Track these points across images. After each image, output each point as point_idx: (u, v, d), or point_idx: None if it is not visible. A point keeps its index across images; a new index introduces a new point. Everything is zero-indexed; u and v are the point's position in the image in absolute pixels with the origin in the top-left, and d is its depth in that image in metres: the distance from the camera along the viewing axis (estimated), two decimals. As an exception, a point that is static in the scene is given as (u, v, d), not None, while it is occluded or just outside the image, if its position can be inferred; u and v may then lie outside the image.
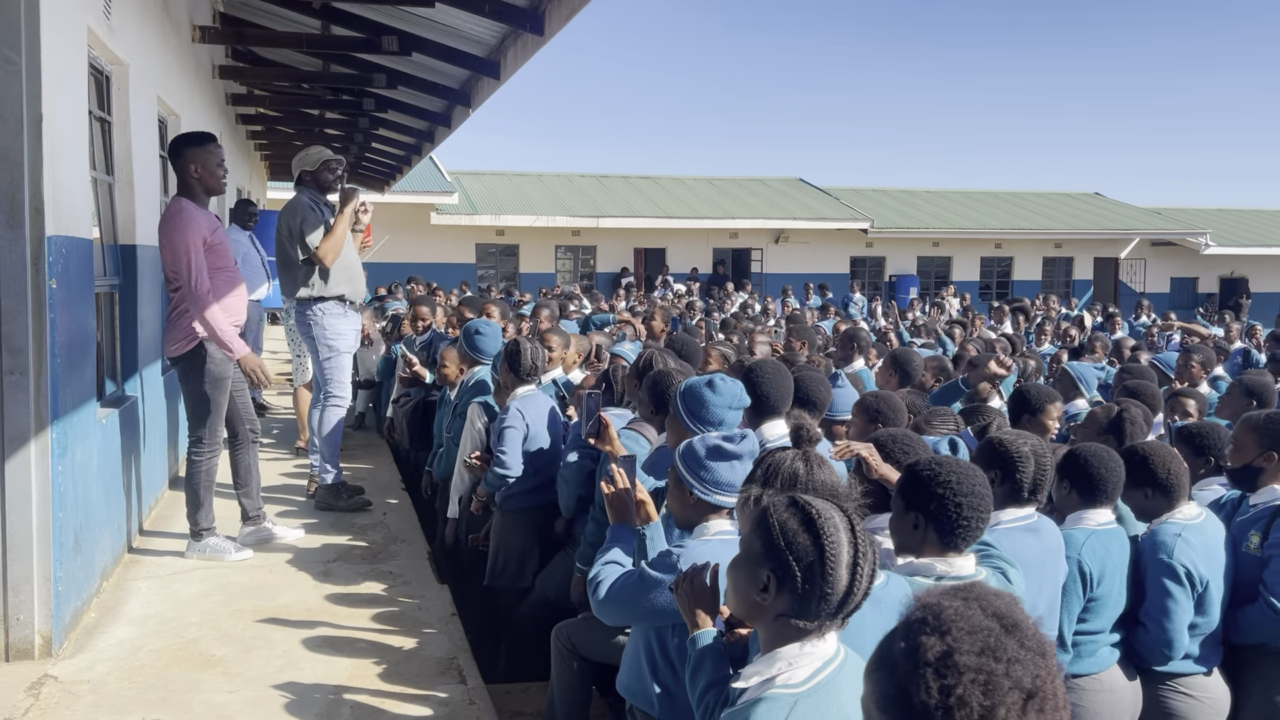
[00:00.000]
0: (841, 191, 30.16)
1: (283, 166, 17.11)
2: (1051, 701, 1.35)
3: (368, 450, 7.89)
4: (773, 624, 1.91)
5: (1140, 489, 3.29)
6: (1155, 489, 3.27)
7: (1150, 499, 3.29)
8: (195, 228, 4.71)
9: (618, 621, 2.80)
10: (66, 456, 3.93)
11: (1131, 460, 3.28)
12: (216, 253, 4.83)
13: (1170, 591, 3.14)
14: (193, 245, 4.68)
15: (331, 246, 5.81)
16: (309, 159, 6.02)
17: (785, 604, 1.88)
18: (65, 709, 3.45)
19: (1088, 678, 3.09)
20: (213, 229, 4.83)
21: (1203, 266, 30.27)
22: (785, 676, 1.86)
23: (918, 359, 5.90)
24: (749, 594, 1.93)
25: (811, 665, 1.87)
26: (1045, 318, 13.79)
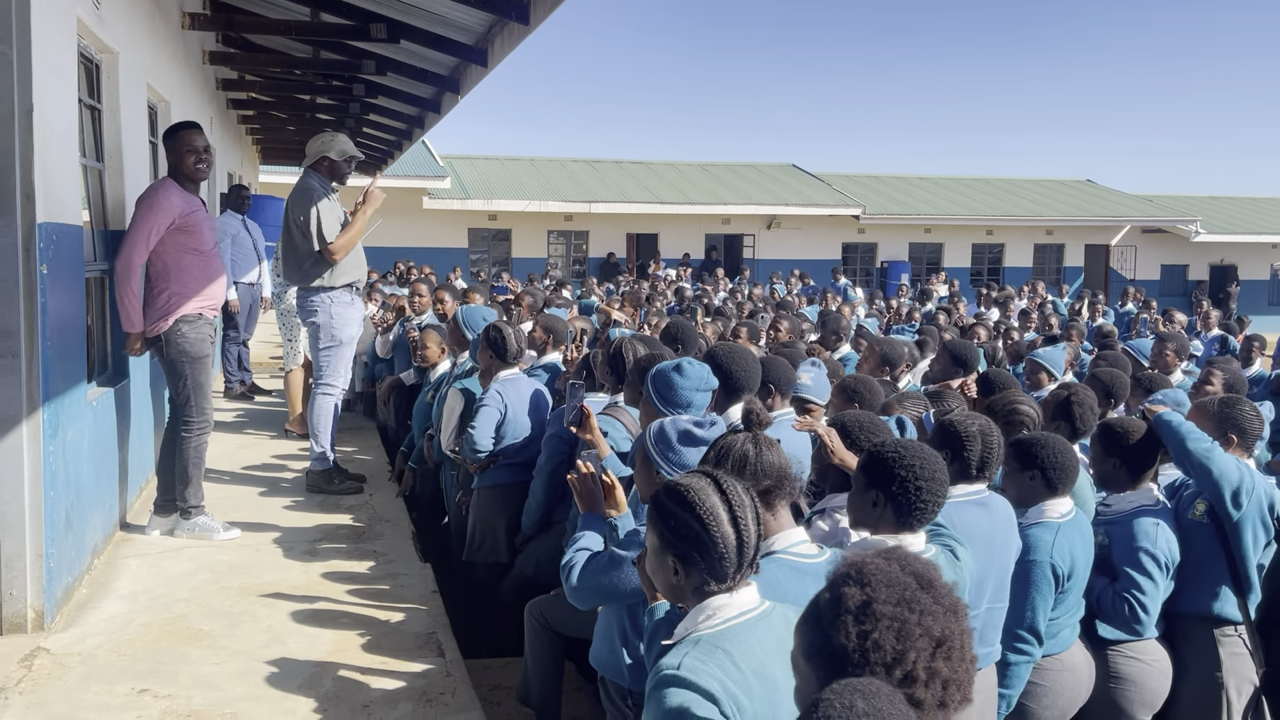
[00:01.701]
0: (834, 178, 30.22)
1: (274, 150, 17.16)
2: (959, 652, 1.50)
3: (356, 433, 8.01)
4: (694, 596, 2.08)
5: (1111, 459, 3.44)
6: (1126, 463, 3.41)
7: (1116, 470, 3.43)
8: (164, 209, 4.81)
9: (590, 604, 2.90)
10: (58, 437, 4.04)
11: (1108, 433, 3.43)
12: (191, 234, 4.92)
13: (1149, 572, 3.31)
14: (151, 224, 4.78)
15: (346, 244, 5.90)
16: (334, 147, 6.05)
17: (697, 578, 2.05)
18: (57, 680, 3.58)
19: (1050, 658, 3.21)
20: (188, 211, 4.91)
21: (1193, 254, 30.40)
22: (703, 626, 2.03)
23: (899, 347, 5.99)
24: (668, 581, 2.11)
25: (725, 615, 2.03)
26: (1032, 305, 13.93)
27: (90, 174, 5.16)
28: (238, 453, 7.10)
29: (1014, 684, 3.11)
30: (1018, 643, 3.09)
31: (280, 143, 16.17)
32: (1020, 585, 3.08)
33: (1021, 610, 3.08)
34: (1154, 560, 3.34)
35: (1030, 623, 3.08)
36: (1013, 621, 3.07)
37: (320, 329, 6.11)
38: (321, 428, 6.18)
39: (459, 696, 3.59)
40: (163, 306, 4.88)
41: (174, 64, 7.25)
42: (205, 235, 5.04)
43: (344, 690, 3.58)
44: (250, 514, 5.61)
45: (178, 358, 4.96)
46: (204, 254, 5.00)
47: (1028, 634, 3.08)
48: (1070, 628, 3.28)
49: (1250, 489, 3.48)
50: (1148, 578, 3.33)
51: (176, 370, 4.99)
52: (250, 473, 6.62)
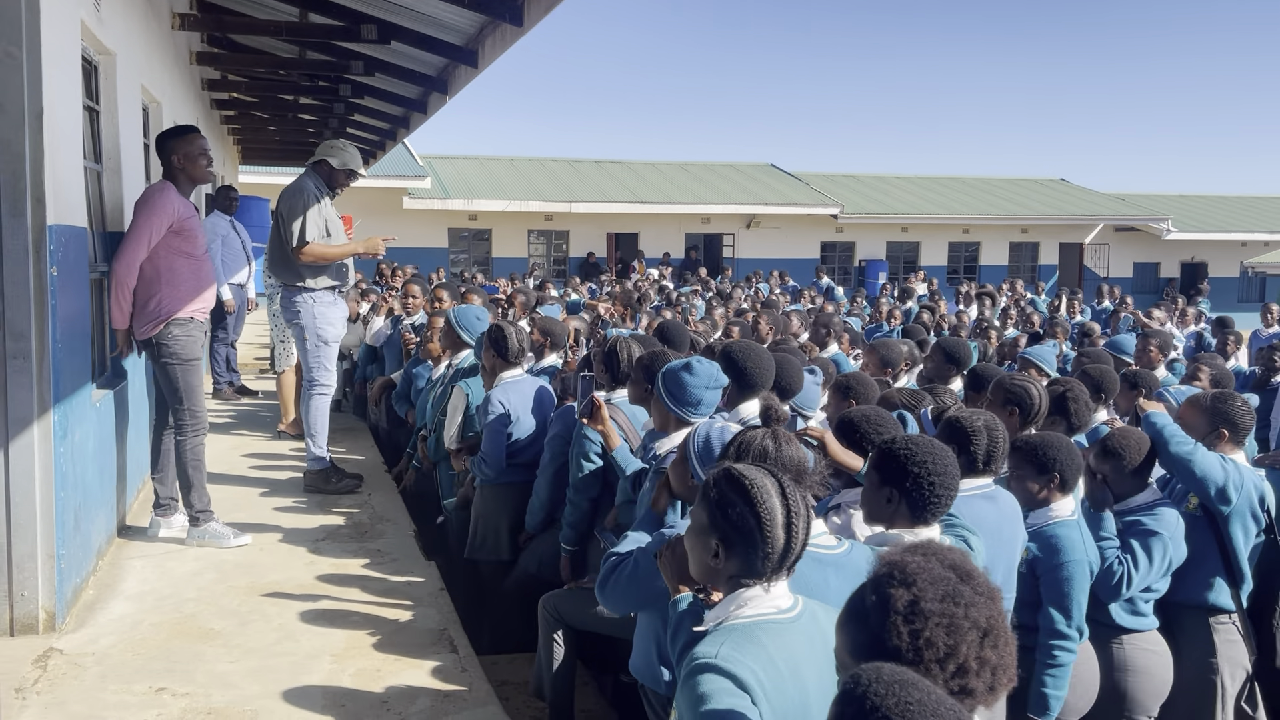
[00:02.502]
0: (812, 177, 30.41)
1: (255, 151, 17.07)
2: (1003, 637, 1.58)
3: (348, 433, 8.02)
4: (728, 584, 2.13)
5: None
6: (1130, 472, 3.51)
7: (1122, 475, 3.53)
8: (164, 212, 4.81)
9: (624, 608, 2.92)
10: (67, 438, 4.06)
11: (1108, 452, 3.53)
12: (185, 238, 4.93)
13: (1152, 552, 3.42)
14: (151, 226, 4.78)
15: (319, 254, 5.91)
16: (340, 155, 6.07)
17: (735, 566, 2.10)
18: (73, 679, 3.60)
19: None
20: (185, 215, 4.93)
21: (1164, 251, 30.83)
22: (735, 615, 2.07)
23: (897, 349, 6.09)
24: (703, 560, 2.15)
25: (760, 609, 2.07)
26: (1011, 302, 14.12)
27: (89, 175, 5.16)
28: (232, 454, 7.10)
29: (1063, 683, 3.16)
30: (1065, 641, 3.14)
31: (261, 143, 16.10)
32: (1061, 588, 3.15)
33: (1067, 610, 3.14)
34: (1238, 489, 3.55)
35: (1078, 621, 3.15)
36: (1059, 622, 3.13)
37: (304, 330, 6.14)
38: (317, 428, 6.20)
39: (475, 692, 3.64)
40: (154, 310, 4.88)
41: (165, 65, 7.24)
42: (199, 239, 5.05)
43: (361, 686, 3.63)
44: (250, 515, 5.63)
45: (169, 360, 4.96)
46: (196, 258, 5.01)
47: (1075, 632, 3.15)
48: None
49: (1239, 484, 3.58)
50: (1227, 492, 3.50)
51: (168, 374, 5.00)
52: (247, 474, 6.63)
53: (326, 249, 5.96)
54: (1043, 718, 3.16)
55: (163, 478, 5.28)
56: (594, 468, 4.10)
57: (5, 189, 3.70)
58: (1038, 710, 3.15)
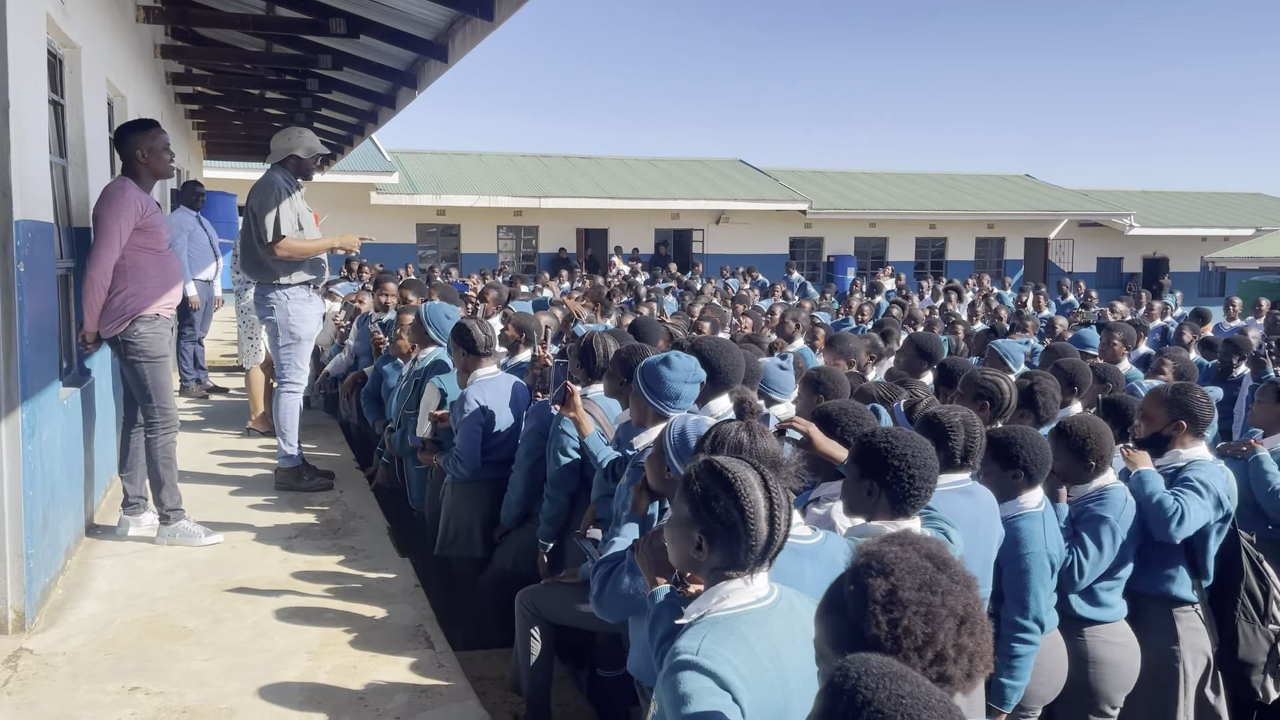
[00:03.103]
0: (781, 173, 30.55)
1: (221, 146, 16.87)
2: (980, 625, 1.61)
3: (318, 430, 7.97)
4: (710, 575, 2.14)
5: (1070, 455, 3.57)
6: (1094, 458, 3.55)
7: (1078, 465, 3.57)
8: (129, 209, 4.75)
9: (619, 616, 2.92)
10: (35, 436, 4.01)
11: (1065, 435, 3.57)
12: (149, 234, 4.87)
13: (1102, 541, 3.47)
14: (119, 224, 4.72)
15: (293, 249, 5.87)
16: (302, 144, 6.00)
17: (718, 558, 2.11)
18: (44, 680, 3.56)
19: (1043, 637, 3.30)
20: (149, 211, 4.87)
21: (1127, 246, 31.29)
22: (716, 608, 2.09)
23: (855, 341, 6.16)
24: (686, 552, 2.16)
25: (740, 600, 2.09)
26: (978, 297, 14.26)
27: (55, 170, 5.08)
28: (201, 452, 7.03)
29: (1023, 674, 3.20)
30: (1023, 634, 3.18)
31: (226, 138, 15.91)
32: (1021, 579, 3.19)
33: (1025, 601, 3.18)
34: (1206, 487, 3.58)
35: (1035, 613, 3.18)
36: (1016, 613, 3.17)
37: (278, 326, 6.09)
38: (288, 425, 6.16)
39: (453, 687, 3.64)
40: (119, 308, 4.82)
41: (130, 58, 7.15)
42: (162, 235, 4.99)
43: (338, 683, 3.61)
44: (221, 513, 5.58)
45: (136, 357, 4.90)
46: (161, 254, 4.95)
47: (1033, 624, 3.19)
48: (1052, 609, 3.41)
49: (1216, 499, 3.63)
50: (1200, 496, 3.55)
51: (136, 371, 4.94)
52: (216, 472, 6.57)
53: (302, 244, 5.91)
54: (1001, 707, 3.21)
55: (131, 476, 5.22)
56: (571, 461, 4.11)
57: (-29, 184, 3.65)
58: (996, 700, 3.20)
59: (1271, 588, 3.80)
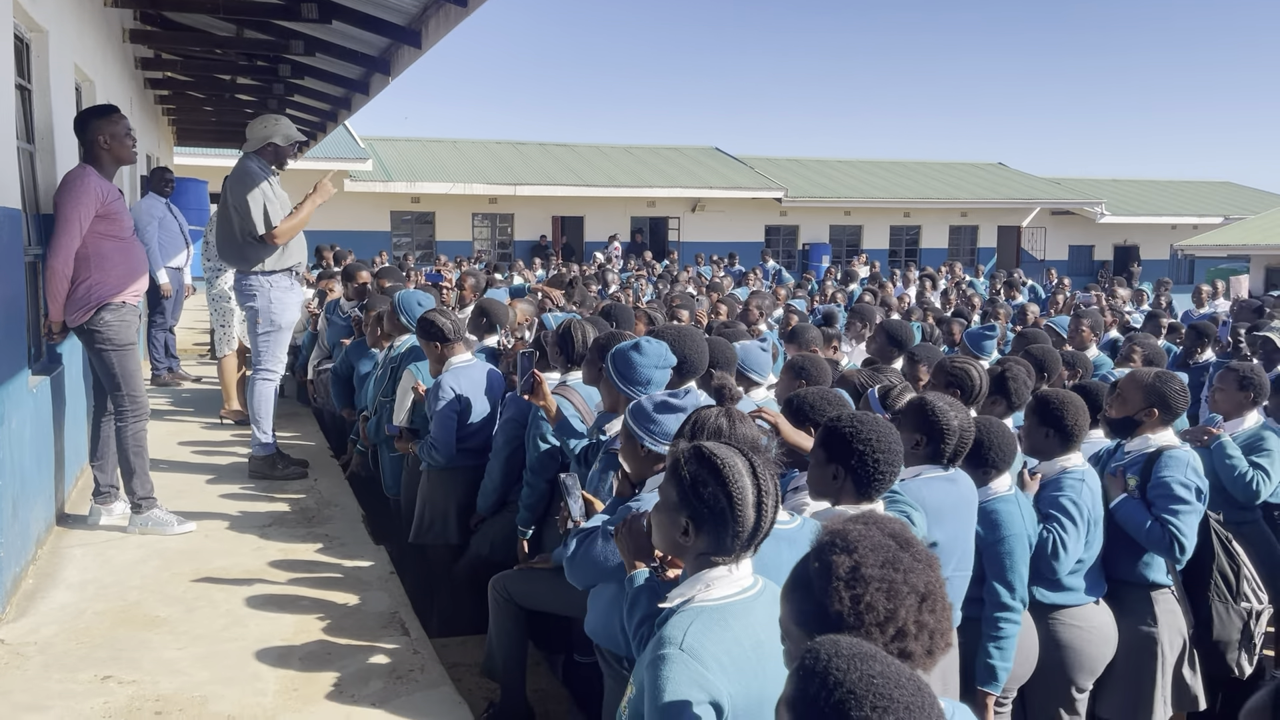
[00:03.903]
0: (756, 161, 30.59)
1: (190, 132, 16.67)
2: (941, 603, 1.64)
3: (291, 418, 7.93)
4: (695, 560, 2.16)
5: (1045, 428, 3.61)
6: (1059, 432, 3.59)
7: (1049, 440, 3.61)
8: (89, 197, 4.70)
9: (589, 582, 2.93)
10: (4, 425, 3.97)
11: (1044, 404, 3.61)
12: (111, 221, 4.82)
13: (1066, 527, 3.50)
14: (79, 212, 4.67)
15: (290, 230, 5.83)
16: (279, 132, 5.94)
17: (704, 543, 2.12)
18: (16, 669, 3.53)
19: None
20: (110, 199, 4.81)
21: (1098, 235, 31.61)
22: (702, 595, 2.10)
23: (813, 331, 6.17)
24: (672, 536, 2.17)
25: (726, 589, 2.11)
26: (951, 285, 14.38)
27: (22, 156, 5.02)
28: (172, 441, 6.98)
29: (1008, 654, 3.25)
30: (1009, 613, 3.23)
31: (197, 124, 15.71)
32: (1002, 561, 3.24)
33: (1010, 583, 3.23)
34: (1187, 488, 3.59)
35: (1020, 593, 3.24)
36: (1002, 595, 3.22)
37: (259, 314, 6.04)
38: (262, 413, 6.13)
39: (428, 673, 3.65)
40: (84, 297, 4.76)
41: (98, 43, 7.06)
42: (125, 222, 4.93)
43: (313, 670, 3.61)
44: (194, 502, 5.55)
45: (104, 346, 4.86)
46: (124, 241, 4.90)
47: (1018, 603, 3.24)
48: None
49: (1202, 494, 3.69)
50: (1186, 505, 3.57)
51: (104, 360, 4.90)
52: (189, 460, 6.53)
53: (293, 222, 5.88)
54: (989, 687, 3.26)
55: (102, 465, 5.18)
56: (551, 448, 4.12)
57: (-65, 169, 3.60)
58: (984, 681, 3.25)
59: (1242, 567, 3.86)
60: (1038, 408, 3.66)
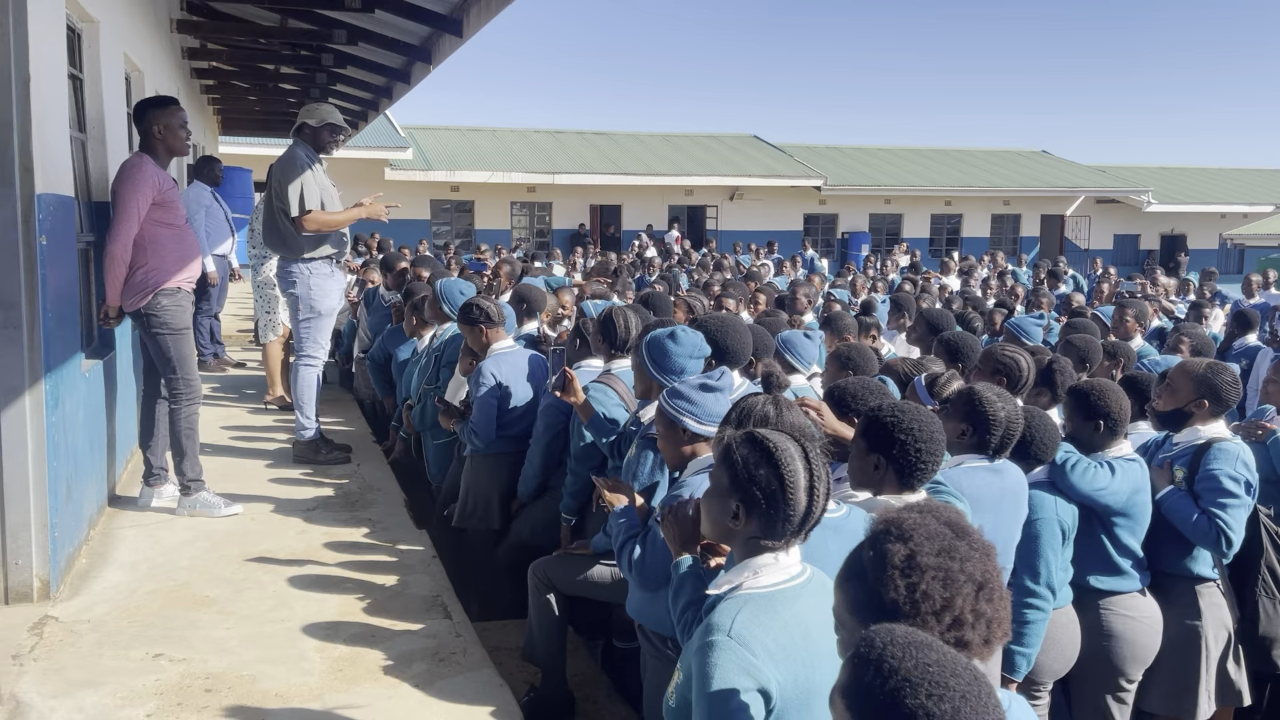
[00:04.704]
0: (795, 149, 30.39)
1: (236, 121, 16.89)
2: (998, 592, 1.63)
3: (335, 404, 8.02)
4: (744, 545, 2.16)
5: (1091, 421, 3.57)
6: (1107, 423, 3.55)
7: (1099, 432, 3.57)
8: (147, 185, 4.79)
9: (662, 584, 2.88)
10: (58, 408, 4.06)
11: (1087, 395, 3.56)
12: (167, 209, 4.91)
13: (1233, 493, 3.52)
14: (137, 200, 4.76)
15: (320, 223, 5.89)
16: (315, 113, 6.03)
17: (754, 528, 2.12)
18: (70, 646, 3.62)
19: (1056, 611, 3.33)
20: (166, 187, 4.91)
21: (1145, 223, 31.06)
22: (750, 582, 2.11)
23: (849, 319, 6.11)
24: (722, 521, 2.17)
25: (774, 577, 2.11)
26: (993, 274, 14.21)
27: (74, 144, 5.11)
28: (218, 425, 7.09)
29: (1034, 642, 3.23)
30: (1034, 599, 3.20)
31: (242, 113, 15.91)
32: (1030, 545, 3.21)
33: (1035, 568, 3.20)
34: (1235, 481, 3.53)
35: (1047, 579, 3.21)
36: (1027, 579, 3.20)
37: (299, 300, 6.12)
38: (306, 399, 6.21)
39: (470, 656, 3.69)
40: (141, 282, 4.87)
41: (147, 32, 7.16)
42: (179, 209, 5.04)
43: (357, 650, 3.67)
44: (240, 485, 5.64)
45: (160, 330, 4.96)
46: (178, 228, 5.00)
47: (1045, 590, 3.21)
48: (1066, 584, 3.42)
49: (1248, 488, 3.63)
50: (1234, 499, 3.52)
51: (159, 344, 5.00)
52: (235, 444, 6.64)
53: (329, 216, 5.94)
54: (1012, 675, 3.24)
55: (153, 448, 5.28)
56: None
57: (-7, 157, 3.68)
58: (1007, 668, 3.23)
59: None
60: (1077, 400, 3.61)
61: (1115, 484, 3.42)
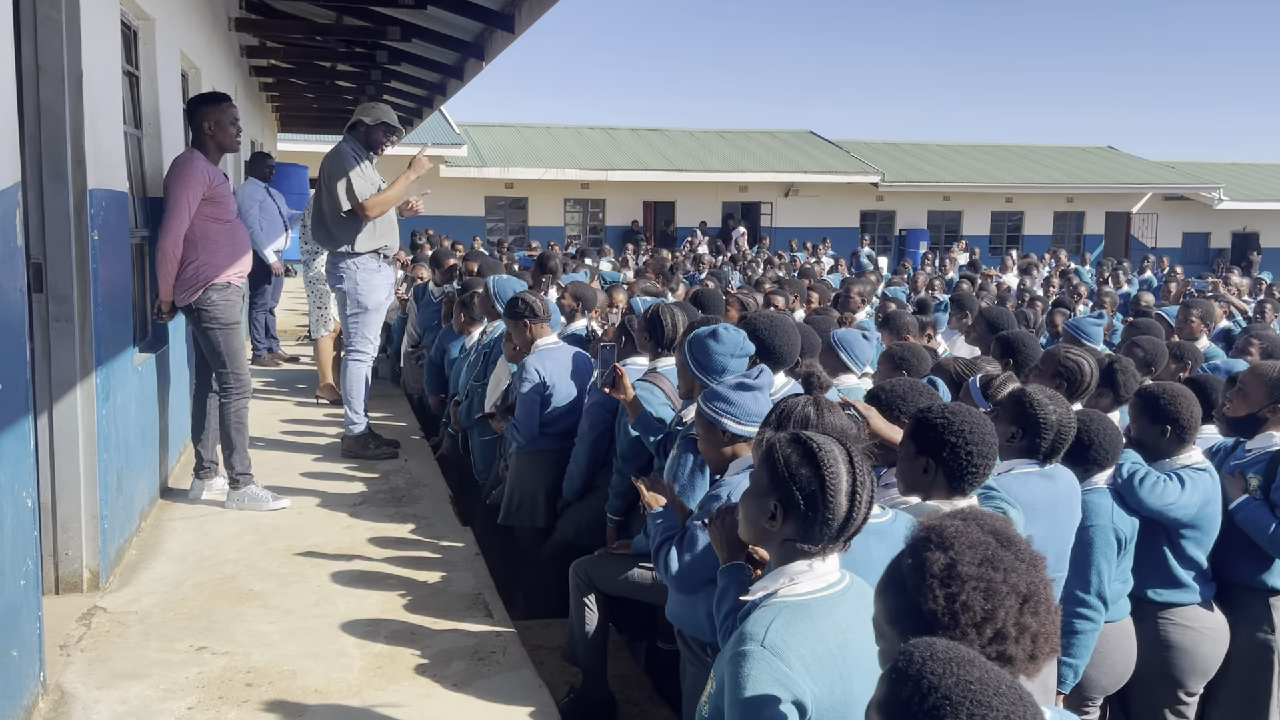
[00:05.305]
0: (852, 144, 30.02)
1: (293, 118, 17.13)
2: (1045, 605, 1.53)
3: (384, 399, 8.07)
4: (781, 548, 2.08)
5: (1158, 425, 3.42)
6: (1176, 429, 3.40)
7: (1166, 438, 3.42)
8: (197, 180, 4.83)
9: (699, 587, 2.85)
10: (109, 401, 4.10)
11: (1156, 399, 3.42)
12: (217, 204, 4.95)
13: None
14: (188, 196, 4.80)
15: (381, 203, 5.92)
16: (371, 112, 6.07)
17: (791, 530, 2.05)
18: (116, 637, 3.66)
19: (1111, 625, 3.22)
20: (216, 182, 4.95)
21: (1215, 221, 30.15)
22: (786, 590, 2.03)
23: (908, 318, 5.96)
24: (759, 521, 2.10)
25: (812, 584, 2.04)
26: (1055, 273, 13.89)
27: (129, 140, 5.18)
28: (270, 419, 7.17)
29: (1081, 653, 3.11)
30: (1085, 609, 3.09)
31: (299, 110, 16.14)
32: (1082, 552, 3.08)
33: (1086, 577, 3.08)
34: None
35: (1097, 588, 3.08)
36: (1077, 587, 3.07)
37: (347, 295, 6.15)
38: (355, 394, 6.24)
39: (510, 655, 3.66)
40: (191, 277, 4.92)
41: (203, 30, 7.25)
42: (229, 205, 5.08)
43: (397, 648, 3.66)
44: (288, 479, 5.69)
45: (210, 325, 5.01)
46: (229, 224, 5.04)
47: (1095, 599, 3.09)
48: (1124, 596, 3.30)
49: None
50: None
51: (210, 338, 5.05)
52: (284, 438, 6.70)
53: (383, 196, 5.98)
54: (1060, 687, 3.12)
55: (203, 441, 5.34)
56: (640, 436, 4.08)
57: (46, 152, 3.72)
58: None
59: None
60: (1145, 404, 3.46)
61: (1185, 497, 3.28)
